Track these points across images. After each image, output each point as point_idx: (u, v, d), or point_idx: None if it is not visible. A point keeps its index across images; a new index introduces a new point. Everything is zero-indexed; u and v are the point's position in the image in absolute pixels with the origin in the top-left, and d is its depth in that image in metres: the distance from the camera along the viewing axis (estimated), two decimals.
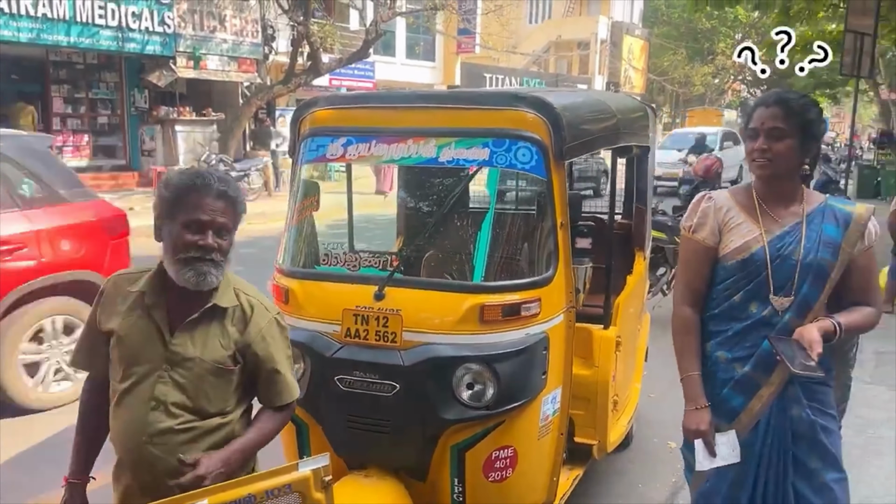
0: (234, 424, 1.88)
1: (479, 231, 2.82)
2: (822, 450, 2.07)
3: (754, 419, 2.09)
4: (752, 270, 2.08)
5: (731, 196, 2.19)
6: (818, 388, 2.10)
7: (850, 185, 13.76)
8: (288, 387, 1.94)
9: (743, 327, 2.10)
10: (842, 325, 2.02)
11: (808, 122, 2.04)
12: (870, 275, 2.13)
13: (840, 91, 29.46)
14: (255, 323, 1.87)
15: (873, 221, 2.11)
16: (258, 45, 17.49)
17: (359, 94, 3.98)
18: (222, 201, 1.78)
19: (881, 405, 4.54)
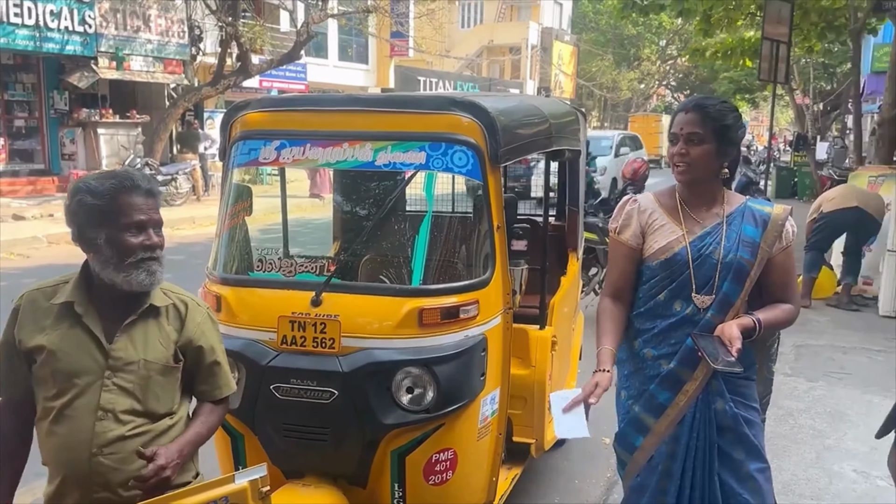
0: (181, 424, 1.88)
1: (416, 234, 2.82)
2: (745, 441, 2.14)
3: (681, 413, 2.14)
4: (675, 270, 2.14)
5: (656, 198, 2.26)
6: (740, 382, 2.16)
7: (770, 185, 14.40)
8: (228, 379, 1.99)
9: (668, 325, 2.16)
10: (761, 322, 2.09)
11: (725, 127, 2.10)
12: (788, 273, 2.20)
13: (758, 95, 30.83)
14: (191, 318, 1.89)
15: (790, 221, 2.19)
16: (185, 46, 17.01)
17: (292, 97, 3.93)
18: (151, 198, 1.80)
19: (801, 396, 4.78)
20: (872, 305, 7.09)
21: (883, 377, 5.04)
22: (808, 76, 23.47)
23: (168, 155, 16.67)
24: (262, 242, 3.04)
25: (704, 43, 15.92)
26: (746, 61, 15.51)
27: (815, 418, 4.43)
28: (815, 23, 12.41)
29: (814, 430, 4.25)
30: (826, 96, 25.48)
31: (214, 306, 2.62)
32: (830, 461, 3.85)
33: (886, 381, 4.91)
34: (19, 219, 11.85)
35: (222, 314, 2.59)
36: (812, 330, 6.33)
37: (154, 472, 1.70)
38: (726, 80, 29.82)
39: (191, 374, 1.91)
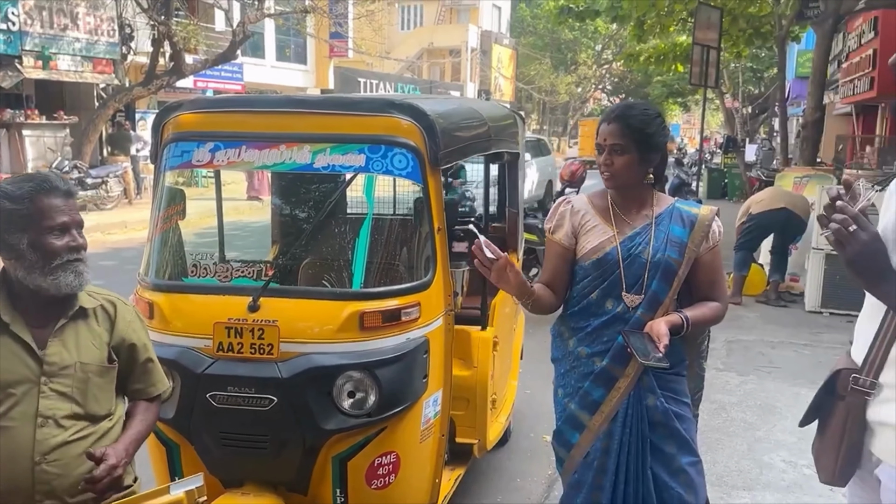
0: (119, 425, 1.87)
1: (356, 237, 2.80)
2: (676, 436, 2.19)
3: (614, 410, 2.19)
4: (606, 269, 2.19)
5: (589, 200, 2.32)
6: (671, 378, 2.21)
7: (701, 187, 14.87)
8: (162, 376, 2.00)
9: (600, 323, 2.21)
10: (689, 319, 2.14)
11: (647, 136, 2.16)
12: (715, 271, 2.25)
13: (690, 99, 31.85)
14: (122, 317, 1.89)
15: (717, 222, 2.25)
16: (115, 45, 16.45)
17: (227, 98, 3.84)
18: (71, 198, 1.79)
19: (732, 390, 4.95)
20: (799, 301, 7.39)
21: (809, 370, 5.26)
22: (738, 80, 24.39)
23: (98, 157, 16.09)
24: (196, 247, 2.97)
25: (638, 48, 16.36)
26: (678, 66, 16.02)
27: (747, 411, 4.59)
28: (743, 29, 12.90)
29: (745, 423, 4.41)
30: (754, 100, 26.54)
31: (147, 313, 2.54)
32: (761, 452, 3.99)
33: (812, 374, 5.13)
34: None
35: (155, 321, 2.52)
36: (743, 326, 6.56)
37: (106, 472, 1.68)
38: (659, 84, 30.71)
39: (124, 374, 1.90)
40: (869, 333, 1.55)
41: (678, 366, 2.23)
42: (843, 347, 1.69)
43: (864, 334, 1.58)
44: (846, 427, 1.57)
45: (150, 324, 2.47)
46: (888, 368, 1.50)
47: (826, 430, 1.64)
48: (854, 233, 1.42)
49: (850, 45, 14.54)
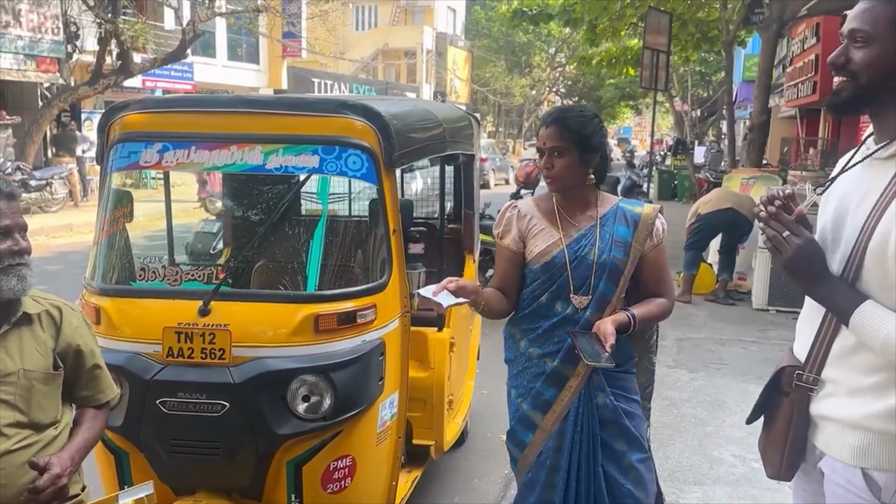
0: (66, 433, 1.83)
1: (311, 239, 2.77)
2: (626, 433, 2.22)
3: (565, 409, 2.22)
4: (554, 272, 2.22)
5: (535, 204, 2.34)
6: (620, 375, 2.25)
7: (652, 188, 15.17)
8: (110, 382, 1.97)
9: (550, 324, 2.24)
10: (636, 317, 2.18)
11: (584, 137, 2.18)
12: (661, 269, 2.30)
13: (641, 102, 32.46)
14: (68, 323, 1.85)
15: (660, 220, 2.29)
16: (60, 43, 15.96)
17: (176, 98, 3.77)
18: (13, 201, 1.74)
19: (683, 386, 5.05)
20: (747, 299, 7.60)
21: (757, 366, 5.41)
22: (687, 84, 24.95)
23: (42, 158, 15.59)
24: (145, 250, 2.90)
25: (591, 52, 16.64)
26: (629, 70, 16.32)
27: (697, 407, 4.69)
28: (691, 34, 13.23)
29: (695, 419, 4.51)
30: (703, 103, 27.19)
31: (94, 319, 2.47)
32: (711, 447, 4.09)
33: (760, 370, 5.27)
34: None
35: (102, 327, 2.45)
36: (692, 324, 6.72)
37: (51, 482, 1.64)
38: (612, 87, 31.21)
39: (71, 381, 1.86)
40: (810, 331, 1.60)
41: (626, 363, 2.27)
42: (790, 344, 1.74)
43: (806, 332, 1.62)
44: (791, 422, 1.61)
45: (97, 329, 2.40)
46: (830, 365, 1.55)
47: (772, 426, 1.68)
48: (788, 238, 1.47)
49: (794, 50, 15.02)
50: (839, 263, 1.52)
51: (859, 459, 1.50)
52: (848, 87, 1.49)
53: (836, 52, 1.50)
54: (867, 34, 1.44)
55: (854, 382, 1.51)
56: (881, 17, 1.42)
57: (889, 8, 1.41)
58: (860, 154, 1.56)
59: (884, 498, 1.47)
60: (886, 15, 1.41)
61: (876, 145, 1.52)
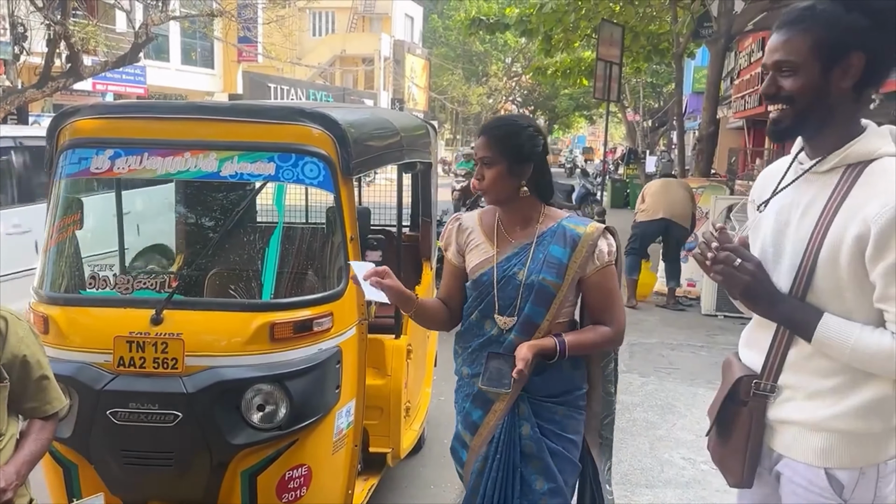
0: (11, 445, 1.80)
1: (266, 247, 2.76)
2: (548, 474, 2.07)
3: (491, 432, 2.12)
4: (483, 290, 2.12)
5: (478, 217, 2.24)
6: (556, 408, 2.10)
7: (605, 196, 15.44)
8: (58, 392, 1.93)
9: (479, 344, 2.13)
10: (565, 343, 2.03)
11: (514, 146, 2.07)
12: (606, 294, 2.12)
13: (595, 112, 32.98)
14: (14, 333, 1.81)
15: (606, 240, 2.12)
16: (6, 44, 15.49)
17: (128, 104, 3.71)
18: None
19: (635, 391, 5.15)
20: (696, 305, 7.79)
21: (706, 370, 5.55)
22: (639, 95, 25.47)
23: None
24: (94, 258, 2.84)
25: (546, 62, 16.85)
26: (583, 80, 16.60)
27: (648, 411, 4.79)
28: (643, 46, 13.52)
29: (647, 423, 4.60)
30: (654, 114, 27.77)
31: (42, 328, 2.42)
32: (662, 450, 4.18)
33: (709, 374, 5.41)
34: None
35: (51, 336, 2.40)
36: (643, 329, 6.85)
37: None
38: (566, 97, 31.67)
39: (17, 392, 1.82)
40: (763, 341, 1.65)
41: (566, 394, 2.13)
42: (737, 348, 1.80)
43: (758, 342, 1.68)
44: (751, 430, 1.66)
45: (45, 339, 2.35)
46: (787, 371, 1.61)
47: (730, 436, 1.72)
48: (740, 267, 1.54)
49: (741, 63, 15.50)
50: (786, 276, 1.59)
51: (823, 460, 1.56)
52: (787, 115, 1.58)
53: (766, 84, 1.60)
54: (793, 63, 1.54)
55: (813, 386, 1.57)
56: (801, 47, 1.53)
57: (806, 37, 1.52)
58: (795, 170, 1.64)
59: (845, 495, 1.54)
60: (805, 44, 1.52)
61: (810, 160, 1.61)
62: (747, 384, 1.66)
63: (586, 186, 16.87)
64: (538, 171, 2.12)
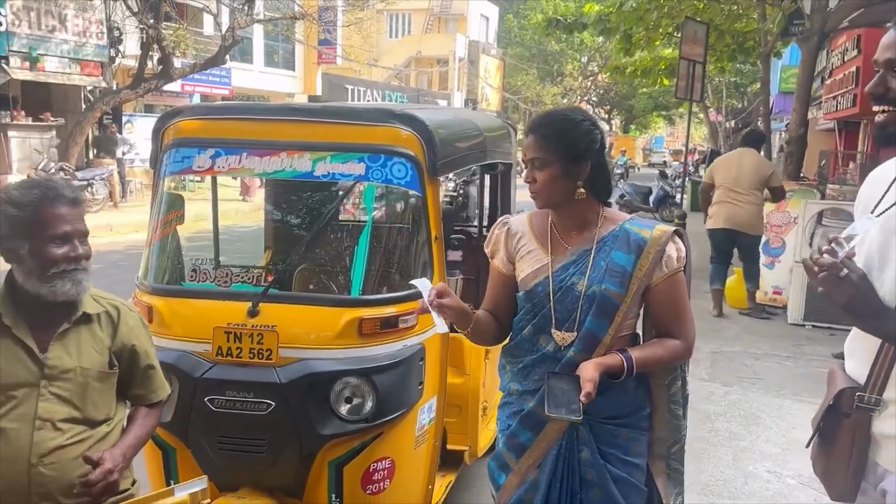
0: (118, 430, 1.88)
1: (354, 245, 2.84)
2: (611, 502, 1.89)
3: (541, 456, 1.93)
4: (537, 303, 1.93)
5: (529, 221, 2.04)
6: (618, 430, 1.92)
7: (685, 199, 15.03)
8: (163, 382, 2.02)
9: (532, 360, 1.95)
10: (632, 360, 1.84)
11: (569, 144, 1.88)
12: (674, 303, 1.92)
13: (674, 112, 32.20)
14: (125, 323, 1.90)
15: (675, 244, 1.92)
16: (103, 47, 16.38)
17: (228, 105, 3.87)
18: (76, 207, 1.79)
19: (717, 400, 5.01)
20: (782, 314, 7.50)
21: (792, 381, 5.34)
22: (721, 94, 24.69)
23: (84, 160, 15.99)
24: (192, 251, 2.99)
25: (624, 61, 16.54)
26: (663, 80, 16.21)
27: (731, 421, 4.65)
28: (728, 44, 13.10)
29: (730, 433, 4.47)
30: (737, 114, 26.86)
31: (146, 317, 2.55)
32: (745, 462, 4.06)
33: (796, 385, 5.22)
34: None
35: (154, 325, 2.53)
36: (726, 337, 6.65)
37: (102, 477, 1.70)
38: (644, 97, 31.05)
39: (125, 379, 1.91)
40: (867, 353, 1.59)
41: (629, 416, 1.94)
42: (826, 360, 1.75)
43: (861, 353, 1.62)
44: (854, 443, 1.61)
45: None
46: (891, 386, 1.55)
47: (833, 447, 1.67)
48: (846, 277, 1.48)
49: (834, 62, 14.79)
50: (891, 284, 1.53)
51: None
52: (894, 118, 1.51)
53: (874, 83, 1.52)
54: None
55: None
56: None
57: None
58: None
59: None
60: None
61: None
62: (850, 396, 1.60)
63: (665, 188, 16.46)
64: (596, 169, 1.91)
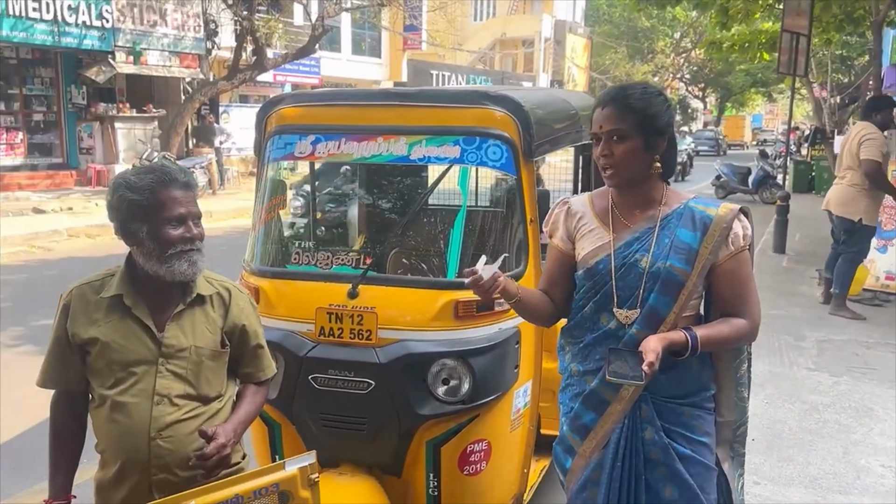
0: (228, 406, 1.96)
1: (449, 227, 2.84)
2: (677, 479, 1.88)
3: (606, 437, 1.93)
4: (598, 280, 1.93)
5: (589, 200, 2.04)
6: (682, 409, 1.91)
7: (787, 180, 14.31)
8: (270, 361, 2.08)
9: (593, 339, 1.95)
10: (697, 338, 1.81)
11: (649, 117, 1.85)
12: (741, 282, 1.90)
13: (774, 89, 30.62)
14: (236, 304, 1.97)
15: (741, 222, 1.90)
16: (201, 40, 17.10)
17: (326, 92, 3.95)
18: (189, 190, 1.87)
19: (825, 391, 4.77)
20: (894, 301, 7.04)
21: None
22: (827, 68, 23.25)
23: (184, 149, 16.78)
24: (292, 235, 3.08)
25: (720, 35, 15.80)
26: (763, 54, 15.39)
27: (841, 413, 4.42)
28: (835, 14, 12.30)
29: (839, 425, 4.25)
30: (844, 89, 25.24)
31: (253, 298, 2.66)
32: (857, 456, 3.84)
33: None
34: (39, 212, 11.97)
35: (261, 305, 2.62)
36: (835, 325, 6.31)
37: (216, 451, 1.77)
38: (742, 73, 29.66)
39: (235, 358, 1.98)
40: None
41: (694, 395, 1.93)
42: None
43: None
44: None
45: None
46: None
47: None
48: None
49: None
50: None
51: None
52: None
53: None
54: None
55: None
56: None
57: None
58: None
59: None
60: None
61: None
62: None
63: (765, 169, 15.74)
64: (669, 145, 1.91)
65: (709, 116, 51.50)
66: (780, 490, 3.48)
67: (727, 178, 16.26)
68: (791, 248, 9.86)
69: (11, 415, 4.33)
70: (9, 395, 4.62)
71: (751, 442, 3.93)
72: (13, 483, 3.55)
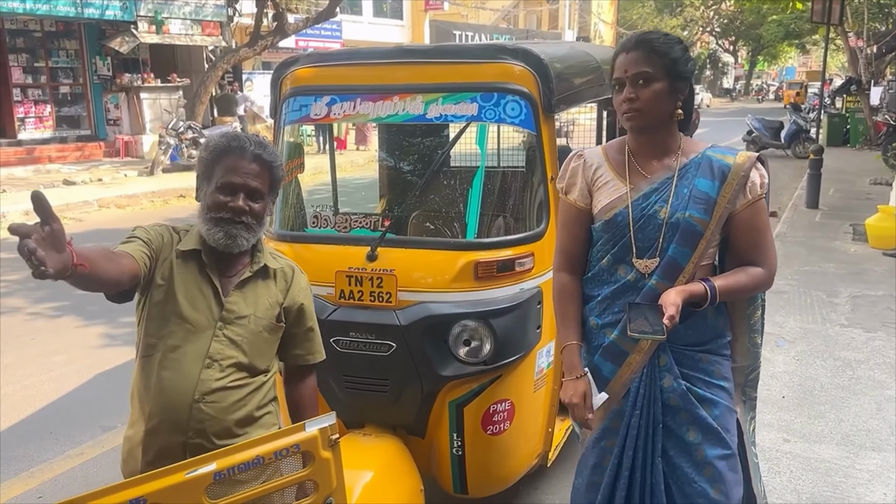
0: (270, 383, 1.93)
1: (468, 188, 2.80)
2: (700, 423, 1.90)
3: (625, 387, 1.94)
4: (617, 232, 1.92)
5: (604, 152, 2.02)
6: (700, 356, 1.93)
7: (821, 133, 13.92)
8: (321, 346, 2.06)
9: (611, 291, 1.94)
10: (715, 289, 1.83)
11: (673, 61, 1.84)
12: (757, 231, 1.90)
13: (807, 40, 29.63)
14: (297, 283, 1.96)
15: (758, 171, 1.90)
16: (222, 7, 17.01)
17: (341, 52, 3.89)
18: (257, 164, 1.81)
19: (858, 347, 4.67)
20: None
21: None
22: (863, 17, 22.39)
23: (210, 118, 16.84)
24: (311, 199, 3.06)
25: None
26: (797, 3, 14.87)
27: (875, 369, 4.33)
28: None
29: (873, 381, 4.17)
30: (880, 38, 24.31)
31: None
32: (891, 413, 3.77)
33: None
34: (70, 184, 12.14)
35: None
36: (869, 280, 6.17)
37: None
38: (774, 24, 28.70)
39: (287, 339, 1.96)
40: None
41: (711, 342, 1.94)
42: None
43: None
44: None
45: None
46: None
47: None
48: None
49: None
50: None
51: None
52: None
53: None
54: None
55: None
56: None
57: None
58: None
59: None
60: None
61: None
62: None
63: (798, 122, 15.32)
64: (690, 94, 1.91)
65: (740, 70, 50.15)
66: (812, 447, 3.44)
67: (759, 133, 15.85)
68: (825, 203, 9.63)
69: (46, 382, 4.45)
70: (43, 362, 4.74)
71: (781, 399, 3.90)
72: (48, 447, 3.66)
